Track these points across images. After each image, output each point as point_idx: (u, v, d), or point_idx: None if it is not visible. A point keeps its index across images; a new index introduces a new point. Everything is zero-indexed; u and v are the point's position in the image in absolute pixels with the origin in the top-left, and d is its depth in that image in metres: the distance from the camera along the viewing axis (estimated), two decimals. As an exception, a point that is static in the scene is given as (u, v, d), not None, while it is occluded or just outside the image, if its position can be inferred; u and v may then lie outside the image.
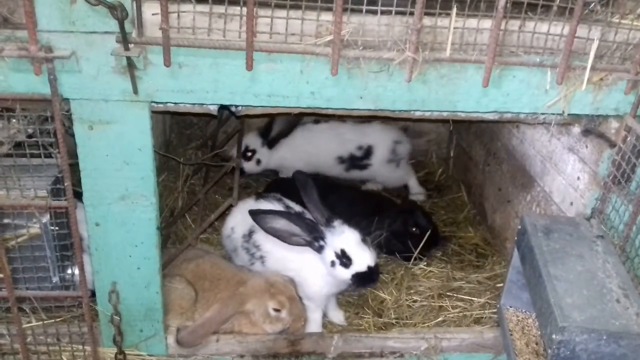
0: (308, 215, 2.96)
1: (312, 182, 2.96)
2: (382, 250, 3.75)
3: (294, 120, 4.19)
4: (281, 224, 2.78)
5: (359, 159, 4.39)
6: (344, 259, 2.79)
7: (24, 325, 2.49)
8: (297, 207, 3.20)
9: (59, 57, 1.96)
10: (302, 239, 2.82)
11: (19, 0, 1.94)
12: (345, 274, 2.80)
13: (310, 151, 4.33)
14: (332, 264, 2.81)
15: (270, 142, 4.27)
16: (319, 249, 2.84)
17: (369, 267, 2.80)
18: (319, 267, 2.90)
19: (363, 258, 2.80)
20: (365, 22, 2.09)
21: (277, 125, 4.22)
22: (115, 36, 1.95)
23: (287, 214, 2.89)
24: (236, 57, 2.05)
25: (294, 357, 2.80)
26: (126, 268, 2.48)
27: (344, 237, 2.82)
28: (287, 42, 2.07)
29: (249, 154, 4.32)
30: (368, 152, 4.36)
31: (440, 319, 3.11)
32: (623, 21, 2.21)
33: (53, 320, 2.69)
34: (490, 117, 2.41)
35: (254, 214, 2.78)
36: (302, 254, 2.92)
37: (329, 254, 2.82)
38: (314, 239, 2.83)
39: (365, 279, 2.82)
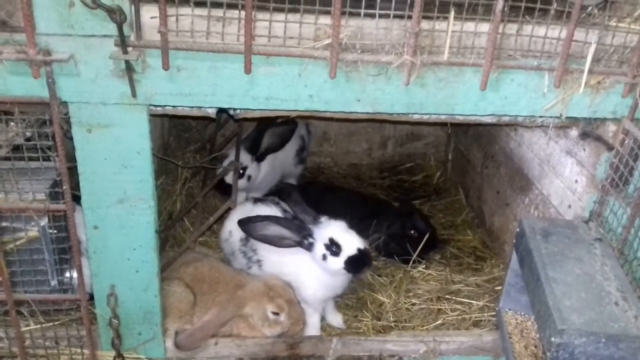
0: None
1: (295, 188, 3.10)
2: (380, 253, 3.75)
3: (285, 134, 3.93)
4: (270, 229, 2.79)
5: (304, 142, 4.51)
6: (334, 247, 2.79)
7: (23, 329, 2.49)
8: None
9: (57, 60, 1.96)
10: (292, 241, 2.83)
11: (17, 4, 1.94)
12: (338, 262, 2.80)
13: (280, 154, 4.16)
14: (324, 257, 2.82)
15: (259, 157, 3.96)
16: (309, 247, 2.85)
17: (359, 250, 2.81)
18: (315, 270, 2.91)
19: (352, 242, 2.81)
20: (363, 25, 2.09)
21: (267, 139, 3.90)
22: (113, 39, 1.96)
23: (274, 218, 2.88)
24: (234, 60, 2.05)
25: (292, 360, 2.80)
26: (125, 271, 2.48)
27: (330, 228, 2.84)
28: (285, 45, 2.07)
29: (241, 170, 3.90)
30: (308, 131, 4.58)
31: (439, 322, 3.11)
32: (620, 24, 2.22)
33: (51, 324, 2.69)
34: (488, 120, 2.42)
35: (242, 224, 2.80)
36: (298, 258, 2.93)
37: (319, 248, 2.82)
38: (303, 238, 2.84)
39: (358, 263, 2.82)
